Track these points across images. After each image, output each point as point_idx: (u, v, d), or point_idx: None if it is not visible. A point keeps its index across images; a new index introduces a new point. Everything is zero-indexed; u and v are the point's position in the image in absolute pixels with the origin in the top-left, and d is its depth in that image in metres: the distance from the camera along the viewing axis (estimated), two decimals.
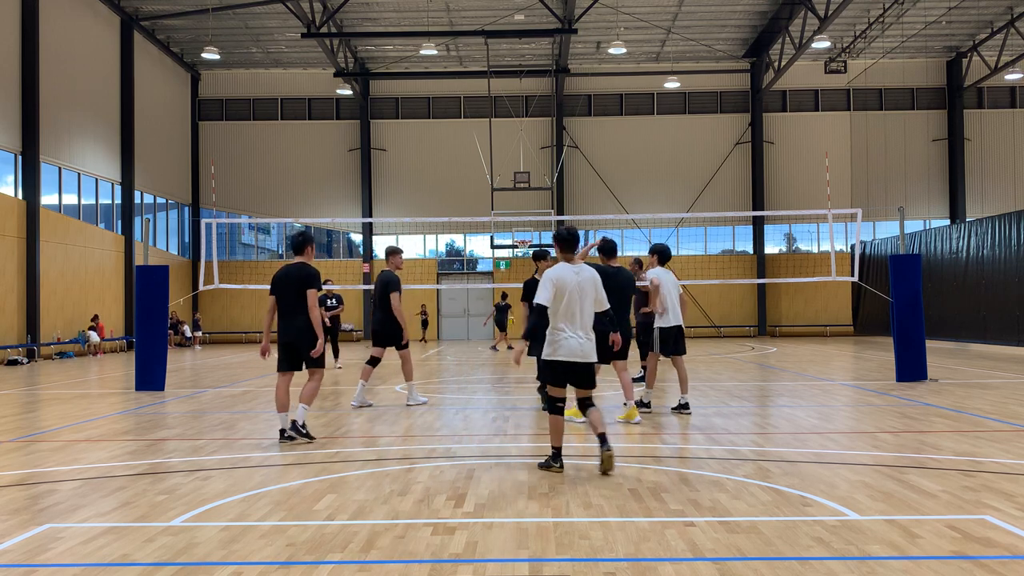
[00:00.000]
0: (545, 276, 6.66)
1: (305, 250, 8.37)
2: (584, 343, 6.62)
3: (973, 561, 4.30)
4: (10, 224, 23.00)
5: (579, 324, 6.63)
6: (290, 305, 8.09)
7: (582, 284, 6.65)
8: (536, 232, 32.04)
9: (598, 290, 6.75)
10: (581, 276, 6.68)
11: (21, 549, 4.75)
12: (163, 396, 12.93)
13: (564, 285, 6.59)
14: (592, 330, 6.73)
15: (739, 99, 35.49)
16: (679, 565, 4.30)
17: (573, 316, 6.60)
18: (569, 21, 27.28)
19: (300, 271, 8.16)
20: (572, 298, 6.60)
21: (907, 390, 12.31)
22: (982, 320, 23.16)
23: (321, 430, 9.04)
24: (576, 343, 6.59)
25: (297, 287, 8.07)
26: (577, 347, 6.59)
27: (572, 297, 6.60)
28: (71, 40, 26.19)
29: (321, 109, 36.02)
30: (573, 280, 6.62)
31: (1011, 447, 7.51)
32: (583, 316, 6.64)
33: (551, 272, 6.65)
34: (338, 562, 4.43)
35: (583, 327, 6.64)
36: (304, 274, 8.13)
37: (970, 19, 30.95)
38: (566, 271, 6.66)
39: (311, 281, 8.09)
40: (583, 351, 6.61)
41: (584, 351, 6.62)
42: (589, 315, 6.70)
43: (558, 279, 6.60)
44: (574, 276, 6.64)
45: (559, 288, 6.58)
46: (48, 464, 7.32)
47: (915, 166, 35.30)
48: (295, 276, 8.13)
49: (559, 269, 6.68)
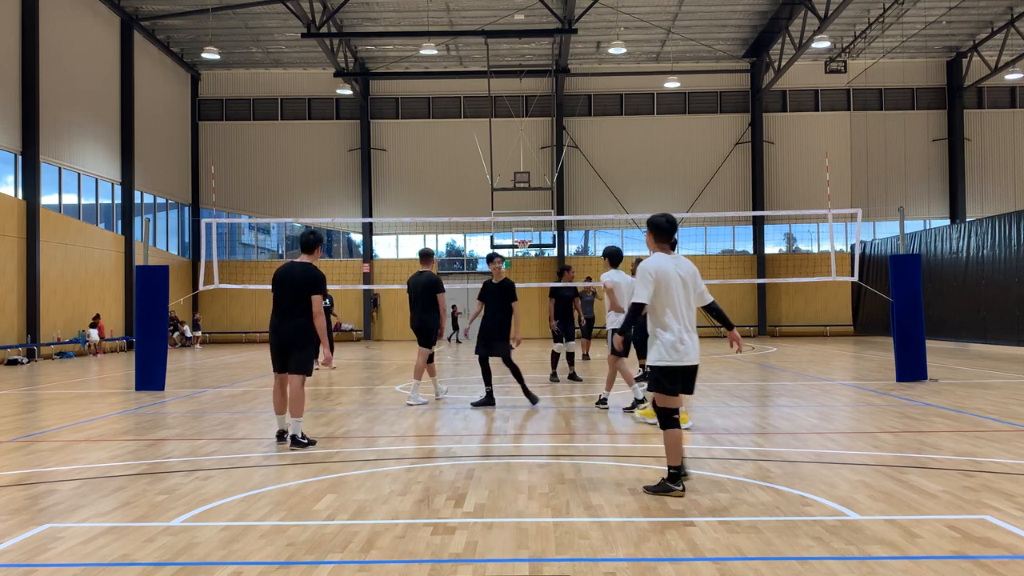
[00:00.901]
0: (642, 269, 5.91)
1: (315, 250, 8.12)
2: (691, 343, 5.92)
3: (973, 561, 4.30)
4: (10, 224, 23.00)
5: (685, 321, 5.92)
6: (288, 304, 7.82)
7: (684, 277, 5.97)
8: (536, 232, 32.05)
9: (698, 283, 6.06)
10: (681, 268, 5.99)
11: (21, 549, 4.75)
12: (163, 396, 12.93)
13: (666, 278, 5.88)
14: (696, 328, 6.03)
15: (739, 99, 35.49)
16: (679, 565, 4.30)
17: (679, 313, 5.91)
18: (569, 21, 27.28)
19: (306, 272, 7.86)
20: (675, 292, 5.90)
21: (907, 390, 12.31)
22: (982, 320, 23.15)
23: (321, 430, 9.04)
24: (690, 344, 5.91)
25: (300, 288, 7.79)
26: (691, 348, 5.91)
27: (675, 291, 5.90)
28: (71, 40, 26.19)
29: (321, 109, 36.02)
30: (673, 272, 5.92)
31: (1011, 447, 7.51)
32: (689, 311, 5.97)
33: (649, 264, 5.92)
34: (338, 562, 4.43)
35: (689, 324, 5.95)
36: (311, 276, 7.82)
37: (970, 19, 30.95)
38: (666, 262, 5.94)
39: (318, 285, 7.81)
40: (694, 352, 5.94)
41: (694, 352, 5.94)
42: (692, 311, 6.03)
43: (658, 271, 5.89)
44: (674, 268, 5.94)
45: (660, 282, 5.87)
46: (48, 464, 7.31)
47: (915, 166, 35.29)
48: (300, 276, 7.84)
49: (657, 260, 5.95)
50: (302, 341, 7.81)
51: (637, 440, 8.30)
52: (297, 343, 7.82)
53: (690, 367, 5.94)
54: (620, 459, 7.23)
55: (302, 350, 7.85)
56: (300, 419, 7.93)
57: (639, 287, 5.88)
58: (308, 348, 7.86)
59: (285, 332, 7.84)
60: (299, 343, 7.81)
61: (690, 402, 11.20)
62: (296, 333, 7.81)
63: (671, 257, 6.00)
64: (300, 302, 7.83)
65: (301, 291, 7.83)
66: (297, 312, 7.82)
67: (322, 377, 16.13)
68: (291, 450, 7.79)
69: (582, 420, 9.73)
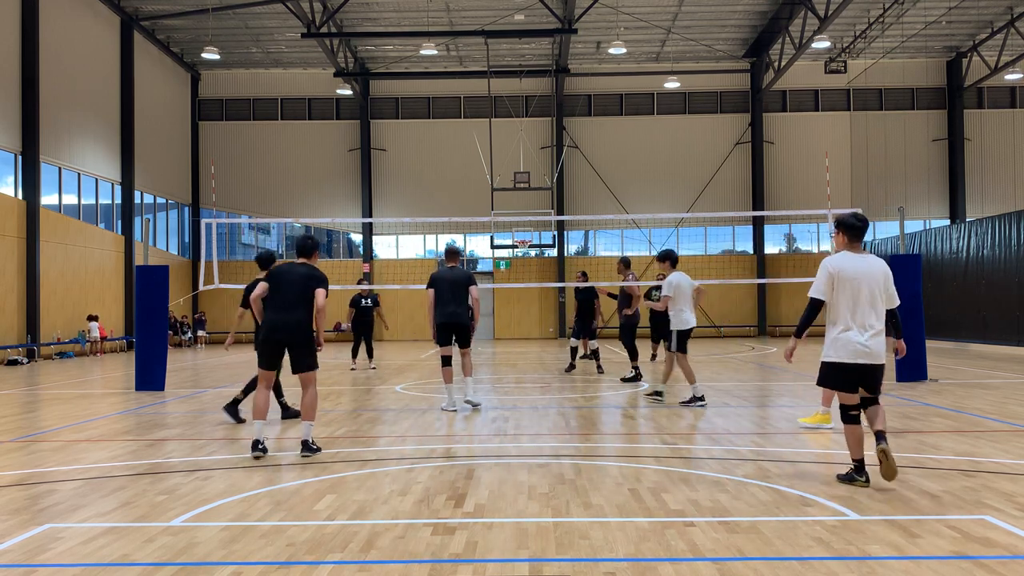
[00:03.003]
0: (823, 265, 6.09)
1: (312, 255, 7.98)
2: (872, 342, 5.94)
3: (973, 561, 4.30)
4: (10, 224, 23.00)
5: (866, 320, 5.96)
6: (293, 300, 7.57)
7: (868, 276, 5.99)
8: (536, 232, 32.05)
9: (889, 285, 6.07)
10: (868, 267, 6.02)
11: (21, 549, 4.75)
12: (163, 396, 12.93)
13: (846, 276, 5.96)
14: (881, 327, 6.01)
15: (739, 99, 35.49)
16: (679, 565, 4.30)
17: (859, 312, 5.95)
18: (569, 21, 27.28)
19: (310, 270, 7.73)
20: (856, 291, 5.96)
21: (907, 390, 12.31)
22: (982, 320, 23.15)
23: (321, 430, 9.04)
24: (870, 343, 5.93)
25: (306, 283, 7.59)
26: (872, 347, 5.94)
27: (856, 289, 5.96)
28: (71, 40, 26.20)
29: (321, 109, 36.03)
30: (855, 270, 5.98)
31: (1011, 447, 7.51)
32: (872, 311, 5.97)
33: (830, 261, 6.07)
34: (338, 562, 4.43)
35: (872, 323, 5.96)
36: (317, 274, 7.70)
37: (970, 19, 30.96)
38: (850, 261, 6.03)
39: (323, 281, 7.68)
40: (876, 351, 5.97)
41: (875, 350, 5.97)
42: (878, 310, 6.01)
43: (839, 269, 5.99)
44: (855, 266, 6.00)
45: (840, 279, 5.98)
46: (48, 464, 7.31)
47: (915, 166, 35.29)
48: (303, 272, 7.68)
49: (840, 258, 6.06)
50: (304, 337, 7.59)
51: (637, 440, 8.30)
52: (299, 339, 7.56)
53: (868, 365, 5.94)
54: (620, 459, 7.23)
55: (306, 346, 7.59)
56: (312, 423, 7.65)
57: (816, 283, 6.03)
58: (311, 343, 7.64)
59: (288, 328, 7.54)
60: (301, 339, 7.57)
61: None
62: (299, 329, 7.56)
63: (859, 256, 6.04)
64: (303, 298, 7.61)
65: (306, 286, 7.61)
66: (299, 308, 7.60)
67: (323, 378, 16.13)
68: (302, 457, 7.43)
69: (582, 420, 9.73)
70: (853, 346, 5.91)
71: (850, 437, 6.05)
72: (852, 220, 6.07)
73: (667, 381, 11.24)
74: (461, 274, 10.46)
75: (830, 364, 6.02)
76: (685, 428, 8.97)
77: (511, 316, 35.38)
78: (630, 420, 9.77)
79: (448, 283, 10.35)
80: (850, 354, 5.92)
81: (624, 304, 14.96)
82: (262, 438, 7.49)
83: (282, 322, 7.56)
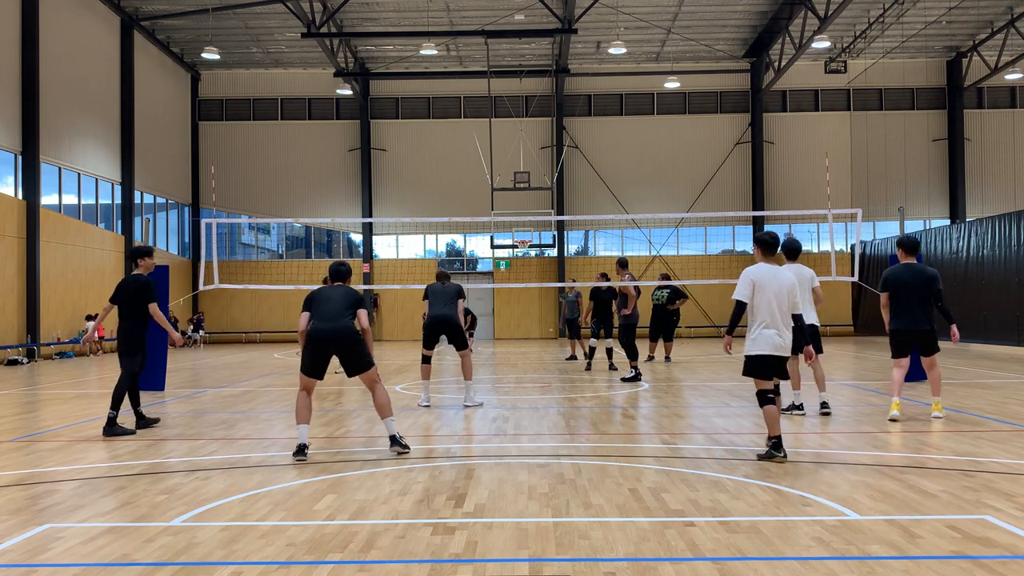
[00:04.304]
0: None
1: (347, 280, 8.04)
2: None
3: (973, 561, 4.30)
4: (10, 224, 23.00)
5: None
6: (338, 309, 7.58)
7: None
8: (536, 232, 32.06)
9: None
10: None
11: (21, 549, 4.75)
12: (163, 396, 12.93)
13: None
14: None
15: (739, 99, 35.49)
16: (679, 565, 4.30)
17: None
18: (569, 21, 27.28)
19: (348, 289, 7.84)
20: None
21: (907, 390, 12.30)
22: (982, 320, 23.15)
23: (321, 430, 9.04)
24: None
25: (348, 301, 7.66)
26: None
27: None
28: (71, 40, 26.20)
29: (321, 109, 36.03)
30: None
31: (1011, 447, 7.51)
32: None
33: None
34: (338, 562, 4.43)
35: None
36: (356, 294, 7.80)
37: (970, 19, 30.95)
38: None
39: (364, 302, 7.77)
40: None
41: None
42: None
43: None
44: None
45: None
46: (48, 464, 7.31)
47: (915, 166, 35.29)
48: (345, 291, 7.76)
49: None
50: (353, 341, 7.55)
51: (637, 440, 8.30)
52: (348, 343, 7.53)
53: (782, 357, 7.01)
54: (620, 459, 7.23)
55: (356, 348, 7.56)
56: (393, 418, 7.66)
57: (740, 288, 7.04)
58: (361, 344, 7.60)
59: (335, 334, 7.49)
60: (351, 343, 7.54)
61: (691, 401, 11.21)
62: (347, 333, 7.52)
63: (774, 268, 7.11)
64: (345, 308, 7.61)
65: (347, 299, 7.67)
66: (344, 316, 7.59)
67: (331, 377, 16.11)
68: (394, 453, 7.44)
69: (582, 420, 9.74)
70: (771, 341, 6.89)
71: (768, 417, 6.92)
72: (765, 237, 7.21)
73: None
74: (452, 286, 11.29)
75: (752, 357, 7.00)
76: (685, 428, 8.98)
77: (511, 316, 35.39)
78: (630, 420, 9.78)
79: (440, 293, 11.21)
80: (769, 348, 6.90)
81: (622, 305, 15.01)
82: (307, 442, 7.39)
83: (330, 329, 7.51)
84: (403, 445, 7.52)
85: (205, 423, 9.91)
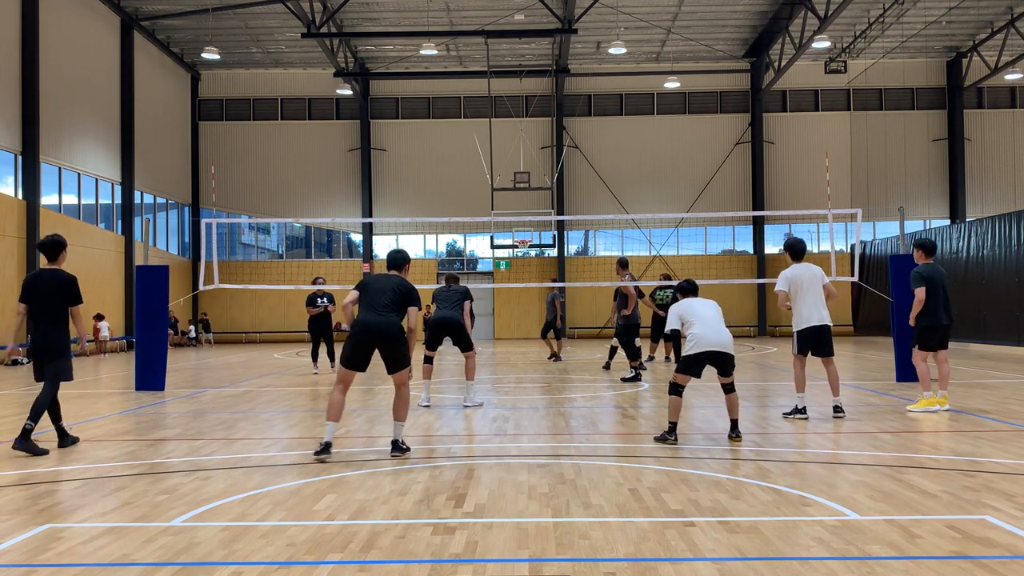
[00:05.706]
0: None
1: (404, 267, 7.94)
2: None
3: (973, 561, 4.29)
4: (10, 224, 23.00)
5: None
6: (383, 303, 7.44)
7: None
8: (536, 232, 32.06)
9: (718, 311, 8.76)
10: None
11: (21, 549, 4.75)
12: (163, 396, 12.93)
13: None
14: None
15: (739, 99, 35.50)
16: (679, 565, 4.30)
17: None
18: (569, 21, 27.28)
19: (402, 281, 7.67)
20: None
21: (907, 390, 12.30)
22: (982, 320, 23.15)
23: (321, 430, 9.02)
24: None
25: (398, 293, 7.50)
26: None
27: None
28: (71, 40, 26.20)
29: (321, 109, 36.03)
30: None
31: (1011, 447, 7.51)
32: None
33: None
34: (338, 562, 4.43)
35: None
36: (409, 287, 7.63)
37: (970, 19, 30.96)
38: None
39: (417, 299, 7.61)
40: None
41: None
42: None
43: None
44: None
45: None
46: (48, 464, 7.32)
47: (915, 166, 35.30)
48: (396, 282, 7.60)
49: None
50: (397, 337, 7.40)
51: (637, 440, 8.30)
52: (393, 339, 7.37)
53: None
54: (620, 459, 7.23)
55: (398, 345, 7.41)
56: (403, 423, 7.54)
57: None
58: (404, 343, 7.47)
59: (381, 328, 7.34)
60: (395, 339, 7.39)
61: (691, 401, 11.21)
62: (393, 328, 7.38)
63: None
64: (394, 303, 7.50)
65: (398, 293, 7.52)
66: (392, 311, 7.46)
67: (321, 378, 16.13)
68: (392, 456, 7.35)
69: (582, 420, 9.74)
70: (707, 340, 7.91)
71: (673, 405, 7.99)
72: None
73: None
74: (458, 289, 11.31)
75: (690, 356, 7.96)
76: (685, 428, 8.97)
77: (511, 316, 35.41)
78: (630, 420, 9.77)
79: (445, 295, 11.29)
80: (707, 345, 7.91)
81: (622, 305, 15.01)
82: (332, 440, 7.32)
83: (374, 322, 7.39)
84: (403, 451, 7.44)
85: (205, 423, 9.91)
